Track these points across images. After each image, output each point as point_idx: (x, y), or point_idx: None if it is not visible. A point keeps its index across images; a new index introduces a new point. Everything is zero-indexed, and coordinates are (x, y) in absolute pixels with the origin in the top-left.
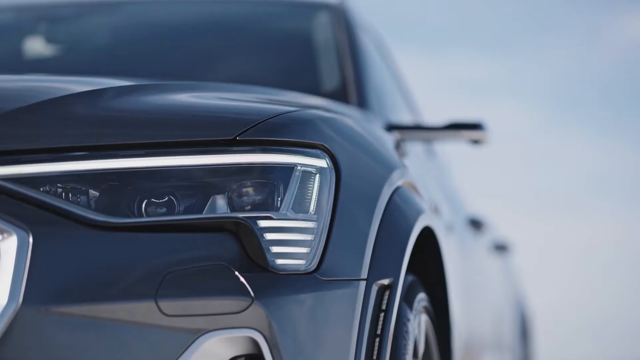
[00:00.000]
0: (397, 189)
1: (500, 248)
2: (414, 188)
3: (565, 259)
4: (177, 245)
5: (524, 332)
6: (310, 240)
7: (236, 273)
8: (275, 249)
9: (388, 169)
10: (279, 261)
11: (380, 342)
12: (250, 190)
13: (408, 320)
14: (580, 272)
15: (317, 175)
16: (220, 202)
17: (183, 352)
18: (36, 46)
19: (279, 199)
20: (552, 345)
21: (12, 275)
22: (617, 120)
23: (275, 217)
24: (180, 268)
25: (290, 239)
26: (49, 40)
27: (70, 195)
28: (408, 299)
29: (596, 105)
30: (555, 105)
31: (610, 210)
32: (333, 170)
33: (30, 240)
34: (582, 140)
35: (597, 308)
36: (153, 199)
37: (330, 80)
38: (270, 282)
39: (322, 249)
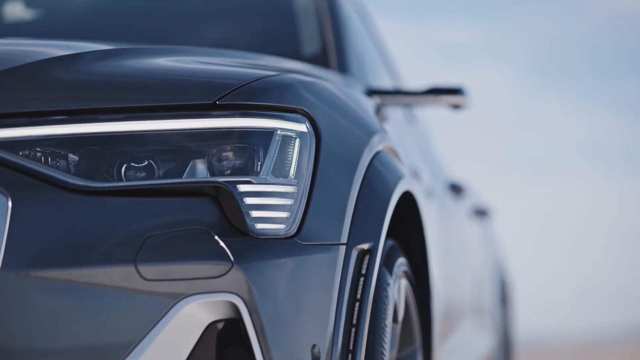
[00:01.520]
0: (377, 154)
1: (481, 213)
2: (394, 153)
3: (546, 225)
4: (156, 210)
5: (504, 297)
6: (290, 205)
7: (216, 237)
8: (255, 214)
9: (368, 133)
10: (259, 225)
11: (360, 307)
12: (230, 154)
13: (388, 284)
14: (560, 238)
15: (297, 139)
16: (200, 166)
17: (162, 317)
18: (15, 10)
19: (259, 163)
20: (531, 310)
21: None
22: (600, 85)
23: (255, 182)
24: (159, 232)
25: (270, 204)
26: (28, 4)
27: (49, 159)
28: (388, 263)
29: (579, 71)
30: (537, 71)
31: (593, 176)
32: (313, 135)
33: (9, 204)
34: (564, 105)
35: (577, 274)
36: (132, 164)
37: (310, 45)
38: (250, 247)
39: (302, 214)
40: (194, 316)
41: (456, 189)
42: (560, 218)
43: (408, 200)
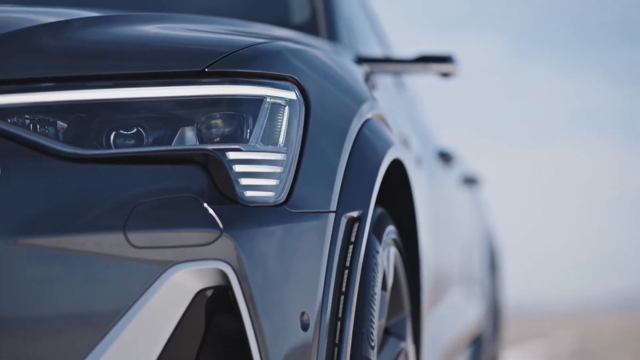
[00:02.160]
0: (366, 122)
1: (470, 181)
2: (384, 121)
3: (535, 193)
4: (145, 177)
5: (493, 265)
6: (280, 173)
7: (205, 205)
8: (244, 181)
9: (358, 101)
10: (248, 193)
11: (349, 274)
12: (219, 122)
13: (377, 252)
14: (549, 207)
15: (287, 107)
16: (189, 134)
17: (151, 284)
18: None
19: (248, 131)
20: (520, 278)
21: None
22: (590, 53)
23: (244, 149)
24: (148, 200)
25: (259, 171)
26: None
27: (38, 126)
28: (377, 231)
29: (569, 38)
30: (527, 39)
31: (583, 144)
32: (302, 103)
33: None
34: (554, 73)
35: (566, 242)
36: (121, 131)
37: (299, 12)
38: (239, 214)
39: (291, 181)
40: (183, 284)
41: (445, 157)
42: (550, 186)
43: (397, 168)
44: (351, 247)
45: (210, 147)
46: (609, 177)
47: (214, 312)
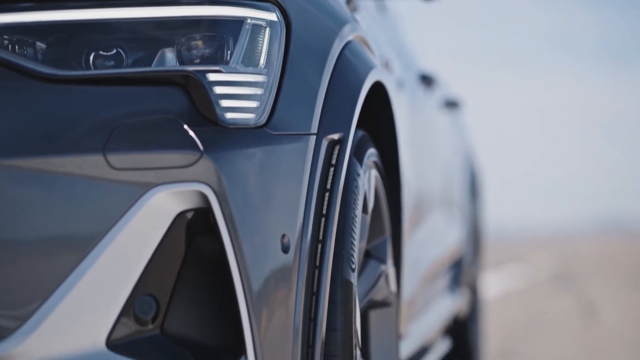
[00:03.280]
0: (347, 44)
1: (451, 105)
2: (365, 43)
3: (516, 118)
4: (125, 99)
5: (474, 189)
6: (260, 94)
7: (185, 127)
8: (224, 103)
9: (339, 23)
10: (229, 115)
11: (330, 197)
12: (199, 43)
13: (358, 175)
14: (530, 131)
15: (267, 28)
16: (169, 55)
17: (131, 206)
18: None
19: (229, 52)
20: (500, 203)
21: None
22: None
23: (224, 71)
24: (128, 121)
25: (240, 93)
26: None
27: (17, 47)
28: (358, 154)
29: None
30: None
31: (562, 69)
32: (283, 24)
33: None
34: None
35: (546, 167)
36: (101, 52)
37: None
38: (219, 136)
39: (272, 104)
40: (163, 206)
41: (427, 80)
42: (530, 111)
43: (379, 91)
44: (332, 169)
45: (190, 68)
46: (589, 103)
47: (194, 234)
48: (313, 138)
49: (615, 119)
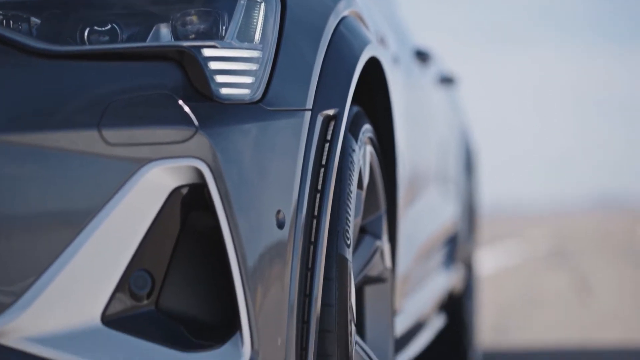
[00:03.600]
0: (343, 19)
1: (446, 81)
2: (360, 18)
3: (511, 95)
4: (120, 74)
5: (469, 165)
6: (255, 70)
7: (180, 102)
8: (219, 78)
9: None
10: (224, 90)
11: (325, 173)
12: (194, 18)
13: (353, 151)
14: (522, 108)
15: (263, 4)
16: (164, 30)
17: (126, 181)
18: None
19: (224, 27)
20: (496, 179)
21: None
22: None
23: (219, 46)
24: (123, 97)
25: (235, 69)
26: None
27: (11, 22)
28: (353, 129)
29: None
30: None
31: (557, 46)
32: (279, 0)
33: None
34: None
35: (541, 144)
36: (96, 27)
37: None
38: (214, 112)
39: (267, 79)
40: (158, 181)
41: (422, 55)
42: (521, 88)
43: (374, 66)
44: (327, 145)
45: (185, 44)
46: (584, 80)
47: (189, 210)
48: (308, 114)
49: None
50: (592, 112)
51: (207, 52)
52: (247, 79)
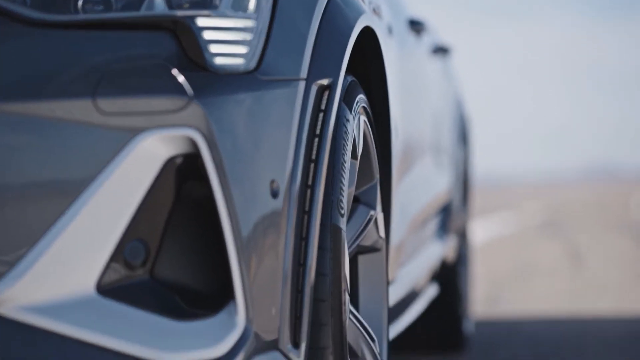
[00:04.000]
0: None
1: (441, 51)
2: None
3: (505, 67)
4: (114, 44)
5: (463, 136)
6: (250, 40)
7: (174, 71)
8: (213, 48)
9: None
10: (218, 60)
11: (319, 142)
12: None
13: (347, 120)
14: (514, 80)
15: None
16: (158, 0)
17: (120, 151)
18: None
19: None
20: (489, 151)
21: None
22: None
23: (214, 15)
24: (117, 66)
25: (229, 38)
26: None
27: None
28: (347, 99)
29: None
30: None
31: (551, 18)
32: None
33: None
34: None
35: (534, 115)
36: None
37: None
38: (208, 81)
39: (261, 49)
40: (152, 151)
41: (416, 25)
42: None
43: (368, 36)
44: (321, 115)
45: (179, 13)
46: (577, 52)
47: (183, 179)
48: (302, 83)
49: (598, 66)
50: (582, 82)
51: (201, 22)
52: (242, 49)
